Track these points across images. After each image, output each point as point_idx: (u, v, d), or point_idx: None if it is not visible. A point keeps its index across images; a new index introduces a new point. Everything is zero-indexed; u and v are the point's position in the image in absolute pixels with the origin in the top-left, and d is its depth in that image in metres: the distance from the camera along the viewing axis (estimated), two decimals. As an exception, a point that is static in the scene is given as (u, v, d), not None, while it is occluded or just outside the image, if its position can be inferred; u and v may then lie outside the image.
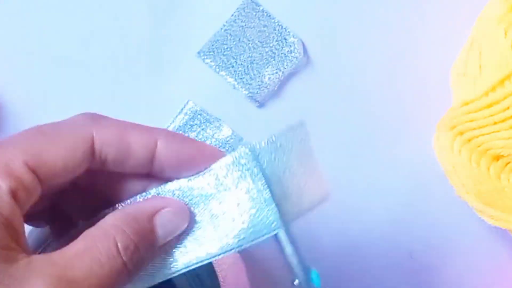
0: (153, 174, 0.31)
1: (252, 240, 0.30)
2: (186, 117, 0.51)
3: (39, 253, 0.28)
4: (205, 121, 0.51)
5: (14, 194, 0.27)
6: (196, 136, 0.51)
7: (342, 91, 0.51)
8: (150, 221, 0.30)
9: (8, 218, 0.27)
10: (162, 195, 0.31)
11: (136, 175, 0.32)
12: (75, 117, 0.31)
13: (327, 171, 0.51)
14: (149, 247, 0.30)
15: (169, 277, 0.31)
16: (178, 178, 0.31)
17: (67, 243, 0.28)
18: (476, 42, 0.47)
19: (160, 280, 0.30)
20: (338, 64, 0.51)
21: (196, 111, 0.51)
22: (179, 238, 0.31)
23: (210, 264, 0.42)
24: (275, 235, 0.31)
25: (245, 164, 0.30)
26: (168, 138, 0.31)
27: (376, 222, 0.51)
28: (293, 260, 0.31)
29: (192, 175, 0.31)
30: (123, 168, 0.31)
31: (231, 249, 0.30)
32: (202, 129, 0.51)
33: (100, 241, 0.28)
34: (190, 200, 0.31)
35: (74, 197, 0.32)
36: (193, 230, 0.31)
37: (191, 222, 0.31)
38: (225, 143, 0.51)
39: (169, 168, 0.31)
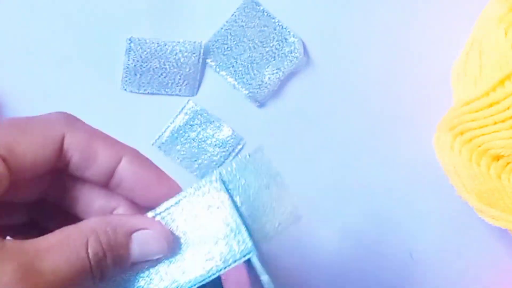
0: (109, 187, 0.32)
1: (226, 267, 0.30)
2: (187, 117, 0.51)
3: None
4: (205, 121, 0.51)
5: None
6: (197, 136, 0.51)
7: (342, 91, 0.51)
8: (127, 236, 0.30)
9: None
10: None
11: (99, 192, 0.32)
12: (50, 114, 0.31)
13: (327, 171, 0.51)
14: (118, 261, 0.30)
15: None
16: (128, 198, 0.32)
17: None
18: (477, 42, 0.47)
19: None
20: (338, 64, 0.51)
21: (197, 111, 0.51)
22: (157, 262, 0.31)
23: None
24: (251, 265, 0.31)
25: (214, 190, 0.31)
26: (134, 157, 0.32)
27: (376, 222, 0.51)
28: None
29: (163, 202, 0.31)
30: (83, 173, 0.31)
31: (208, 276, 0.30)
32: (203, 129, 0.51)
33: (74, 240, 0.29)
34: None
35: (46, 211, 0.33)
36: (172, 256, 0.31)
37: (174, 249, 0.31)
38: (225, 143, 0.51)
39: (126, 185, 0.32)
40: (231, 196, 0.31)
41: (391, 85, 0.51)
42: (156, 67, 0.51)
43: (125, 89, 0.51)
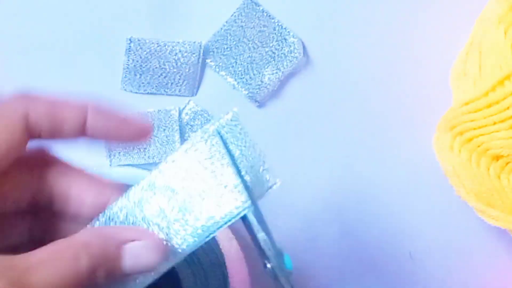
0: (86, 138, 0.32)
1: (226, 223, 0.30)
2: (187, 117, 0.51)
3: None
4: (206, 121, 0.51)
5: None
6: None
7: (341, 91, 0.51)
8: (119, 248, 0.30)
9: None
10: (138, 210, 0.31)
11: (88, 186, 0.32)
12: (7, 98, 0.31)
13: (327, 171, 0.51)
14: (110, 273, 0.30)
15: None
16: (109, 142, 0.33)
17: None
18: (476, 42, 0.47)
19: None
20: (338, 64, 0.51)
21: (197, 112, 0.51)
22: (151, 273, 0.30)
23: (217, 256, 0.42)
24: (248, 222, 0.31)
25: (211, 143, 0.31)
26: (96, 108, 0.32)
27: (376, 222, 0.51)
28: (265, 245, 0.31)
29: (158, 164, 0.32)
30: (58, 137, 0.32)
31: (208, 233, 0.30)
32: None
33: (65, 254, 0.28)
34: (158, 189, 0.31)
35: (41, 222, 0.33)
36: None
37: (167, 258, 0.30)
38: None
39: (99, 135, 0.32)
40: (228, 150, 0.31)
41: (390, 85, 0.51)
42: (156, 67, 0.51)
43: (125, 89, 0.51)
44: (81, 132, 0.32)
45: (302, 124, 0.51)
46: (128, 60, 0.51)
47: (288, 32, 0.51)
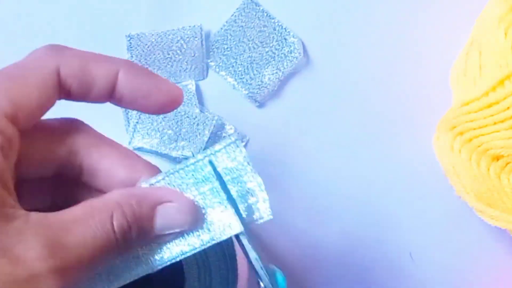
0: (113, 101, 0.32)
1: (215, 240, 0.31)
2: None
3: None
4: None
5: (1, 149, 0.27)
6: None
7: (341, 91, 0.51)
8: (153, 209, 0.30)
9: (1, 174, 0.27)
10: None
11: (118, 164, 0.31)
12: (38, 51, 0.31)
13: (326, 171, 0.51)
14: (142, 233, 0.29)
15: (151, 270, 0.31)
16: (135, 108, 0.32)
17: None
18: (476, 42, 0.47)
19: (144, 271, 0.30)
20: (338, 64, 0.51)
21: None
22: (180, 234, 0.30)
23: (224, 254, 0.42)
24: (239, 240, 0.31)
25: (202, 168, 0.31)
26: (130, 69, 0.31)
27: (376, 222, 0.51)
28: (257, 264, 0.31)
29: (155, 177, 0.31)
30: (85, 98, 0.31)
31: (200, 246, 0.31)
32: None
33: (98, 213, 0.28)
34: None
35: (66, 189, 0.32)
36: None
37: (198, 221, 0.31)
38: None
39: (127, 98, 0.31)
40: (218, 175, 0.31)
41: (390, 85, 0.51)
42: (161, 58, 0.51)
43: None
44: (110, 93, 0.31)
45: (302, 124, 0.51)
46: (132, 57, 0.50)
47: (288, 32, 0.51)
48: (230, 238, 0.31)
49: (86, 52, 0.31)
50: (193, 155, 0.32)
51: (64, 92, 0.30)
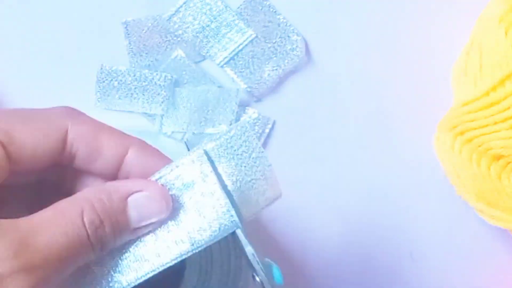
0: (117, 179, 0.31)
1: (213, 239, 0.30)
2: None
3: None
4: None
5: None
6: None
7: (341, 91, 0.51)
8: (123, 201, 0.29)
9: None
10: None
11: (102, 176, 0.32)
12: (53, 108, 0.31)
13: (325, 171, 0.51)
14: (118, 228, 0.29)
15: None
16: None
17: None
18: (477, 42, 0.47)
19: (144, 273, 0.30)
20: (337, 64, 0.51)
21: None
22: (160, 224, 0.30)
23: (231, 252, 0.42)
24: (235, 235, 0.31)
25: (200, 165, 0.30)
26: (141, 148, 0.31)
27: (376, 222, 0.51)
28: (253, 259, 0.31)
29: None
30: (90, 167, 0.31)
31: (197, 247, 0.30)
32: None
33: (68, 211, 0.28)
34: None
35: (44, 194, 0.32)
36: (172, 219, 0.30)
37: (173, 212, 0.30)
38: (253, 126, 0.50)
39: (134, 176, 0.31)
40: (215, 169, 0.30)
41: (391, 85, 0.51)
42: (159, 42, 0.50)
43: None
44: (117, 166, 0.31)
45: (300, 123, 0.51)
46: (130, 44, 0.50)
47: (293, 29, 0.50)
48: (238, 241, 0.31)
49: (100, 122, 0.31)
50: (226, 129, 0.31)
51: (70, 155, 0.30)
